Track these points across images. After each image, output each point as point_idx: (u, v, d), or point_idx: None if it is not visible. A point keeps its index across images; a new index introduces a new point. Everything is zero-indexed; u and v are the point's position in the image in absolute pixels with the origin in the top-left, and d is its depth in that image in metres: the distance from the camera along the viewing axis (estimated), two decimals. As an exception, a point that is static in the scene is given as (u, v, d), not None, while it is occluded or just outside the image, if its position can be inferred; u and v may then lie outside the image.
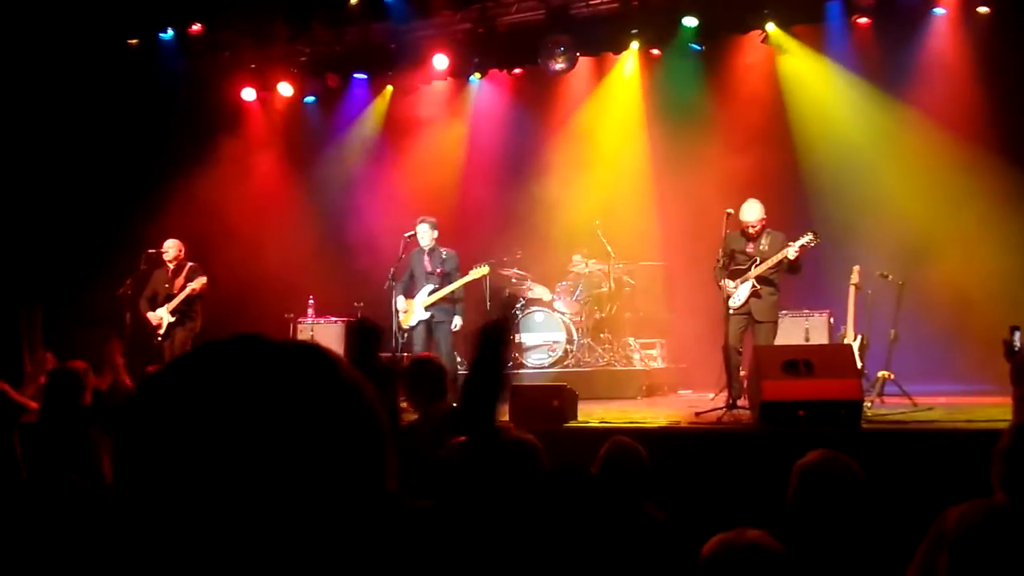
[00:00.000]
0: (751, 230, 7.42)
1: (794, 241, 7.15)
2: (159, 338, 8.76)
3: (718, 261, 7.46)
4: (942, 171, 8.87)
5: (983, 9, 8.98)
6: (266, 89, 11.24)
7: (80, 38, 10.08)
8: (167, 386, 0.78)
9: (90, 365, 5.22)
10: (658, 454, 3.89)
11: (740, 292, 7.35)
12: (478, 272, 8.40)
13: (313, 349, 0.82)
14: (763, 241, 7.45)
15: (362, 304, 9.92)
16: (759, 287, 7.32)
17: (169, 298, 8.77)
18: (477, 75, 11.14)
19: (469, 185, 11.05)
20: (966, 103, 8.94)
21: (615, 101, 10.75)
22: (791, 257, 7.15)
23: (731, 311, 7.36)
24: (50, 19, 9.74)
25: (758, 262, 7.33)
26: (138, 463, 0.75)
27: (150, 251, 8.90)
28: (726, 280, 7.41)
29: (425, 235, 8.54)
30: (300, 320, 10.23)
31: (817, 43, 9.83)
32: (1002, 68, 8.88)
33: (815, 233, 7.14)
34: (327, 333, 10.03)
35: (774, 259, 7.24)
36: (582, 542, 2.38)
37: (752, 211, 7.41)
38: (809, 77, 9.98)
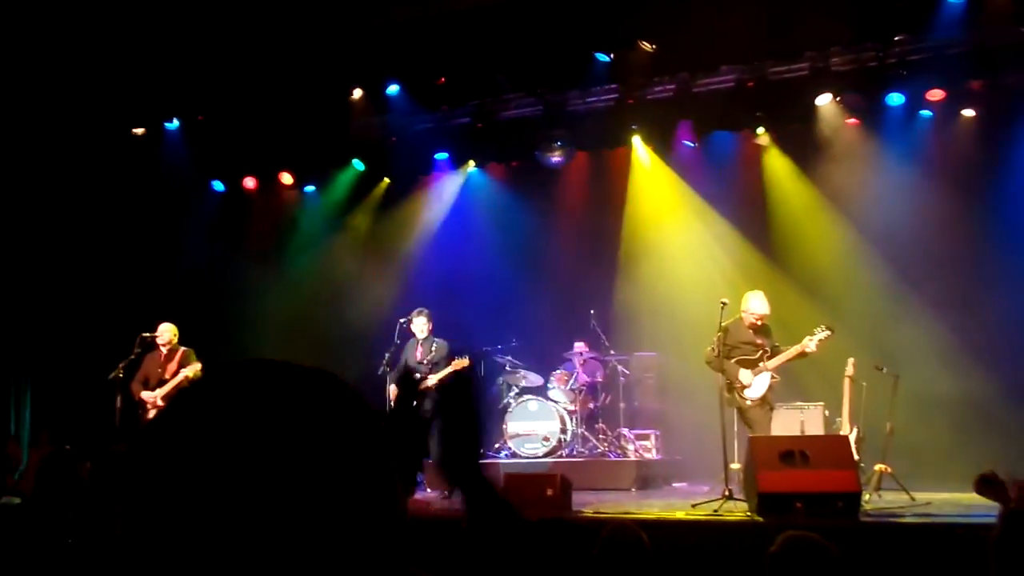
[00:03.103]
0: (759, 322, 7.54)
1: (811, 336, 7.35)
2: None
3: (712, 350, 7.49)
4: (936, 265, 8.97)
5: (968, 112, 9.27)
6: (267, 178, 11.42)
7: (86, 125, 10.32)
8: (187, 405, 0.79)
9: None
10: (655, 546, 3.82)
11: (759, 384, 7.44)
12: (458, 363, 8.46)
13: (324, 373, 0.82)
14: (768, 333, 7.60)
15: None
16: (776, 377, 7.49)
17: (161, 383, 8.67)
18: (472, 164, 11.37)
19: (464, 273, 11.13)
20: (956, 196, 9.10)
21: (610, 193, 10.94)
22: (810, 350, 7.32)
23: (748, 402, 7.41)
24: (62, 104, 9.98)
25: (769, 353, 7.44)
26: (154, 479, 0.75)
27: (144, 334, 8.83)
28: (743, 371, 7.46)
29: (420, 325, 8.68)
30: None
31: (804, 144, 10.06)
32: (987, 166, 9.10)
33: (831, 328, 7.34)
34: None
35: (792, 352, 7.41)
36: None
37: (764, 304, 7.58)
38: (798, 177, 10.18)
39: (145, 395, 8.67)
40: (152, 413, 8.60)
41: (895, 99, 9.27)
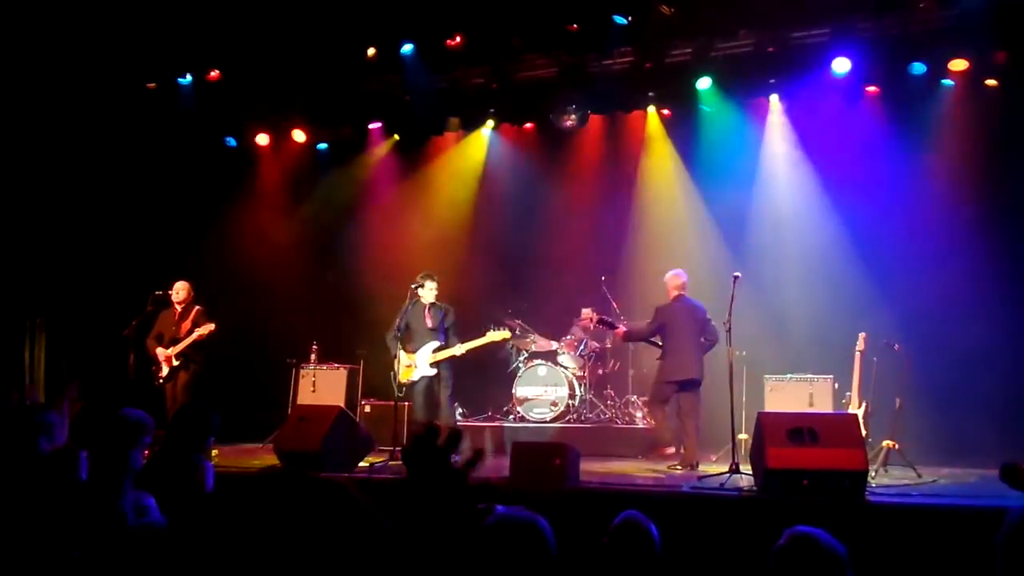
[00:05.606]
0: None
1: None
2: (161, 380, 8.72)
3: (724, 323, 7.49)
4: (952, 239, 8.88)
5: (991, 82, 9.10)
6: (280, 135, 11.34)
7: (101, 79, 10.23)
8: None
9: None
10: (659, 518, 3.86)
11: None
12: (498, 335, 8.41)
13: (344, 525, 0.86)
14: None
15: (364, 351, 9.93)
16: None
17: (175, 341, 8.74)
18: (489, 125, 11.25)
19: (476, 235, 11.10)
20: (973, 170, 8.98)
21: (624, 158, 10.84)
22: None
23: None
24: (75, 59, 9.88)
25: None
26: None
27: (157, 292, 8.85)
28: None
29: (429, 291, 8.51)
30: (303, 366, 10.22)
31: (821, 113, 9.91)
32: (1009, 138, 8.95)
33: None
34: (328, 379, 10.04)
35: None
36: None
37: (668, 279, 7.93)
38: (810, 145, 10.05)
39: (159, 352, 8.76)
40: (165, 370, 8.69)
41: (917, 68, 9.10)
